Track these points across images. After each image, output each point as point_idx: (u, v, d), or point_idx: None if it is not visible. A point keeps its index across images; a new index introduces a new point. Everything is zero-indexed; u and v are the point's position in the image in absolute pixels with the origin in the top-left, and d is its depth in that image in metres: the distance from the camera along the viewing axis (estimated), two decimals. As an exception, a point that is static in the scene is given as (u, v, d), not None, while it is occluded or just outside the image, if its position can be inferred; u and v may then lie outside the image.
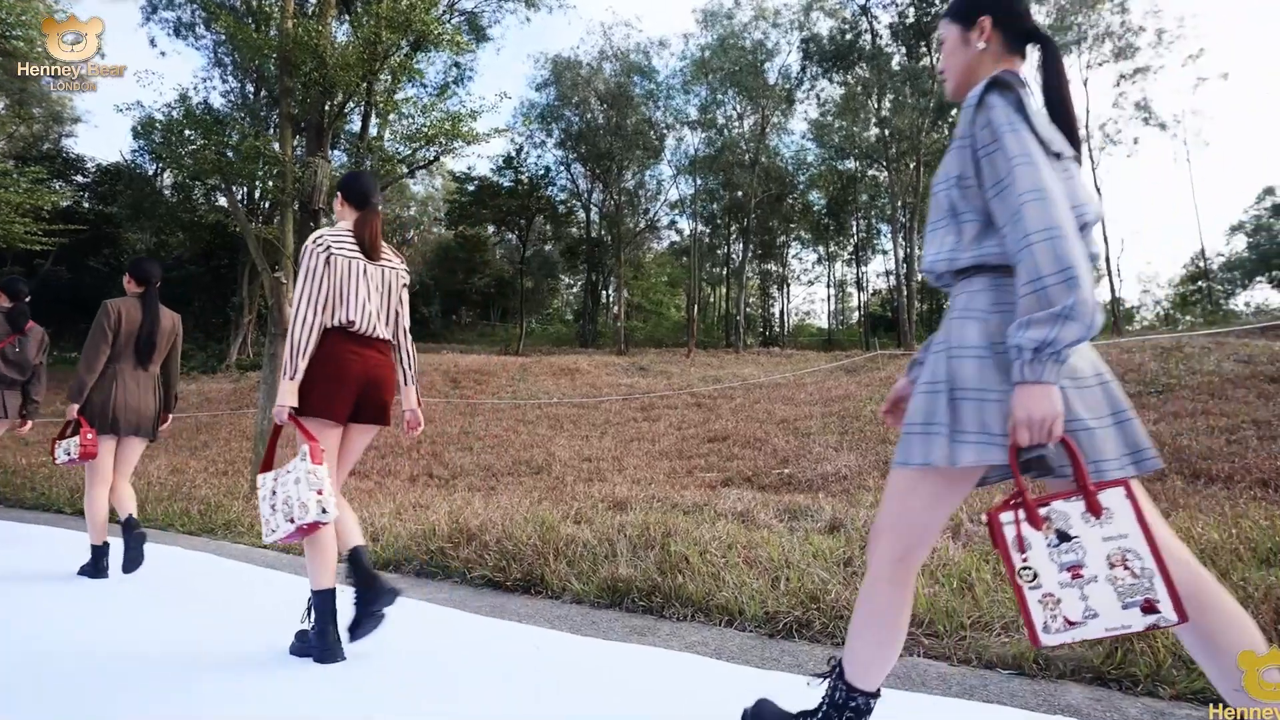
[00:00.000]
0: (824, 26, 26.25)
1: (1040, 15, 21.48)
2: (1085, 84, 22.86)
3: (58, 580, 3.67)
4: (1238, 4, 51.38)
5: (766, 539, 3.70)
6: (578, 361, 19.16)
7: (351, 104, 6.96)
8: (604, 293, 38.59)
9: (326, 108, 7.04)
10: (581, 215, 34.38)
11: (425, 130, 6.98)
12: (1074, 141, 1.36)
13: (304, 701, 2.09)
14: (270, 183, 6.59)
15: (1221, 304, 35.96)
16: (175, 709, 2.03)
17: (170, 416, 4.09)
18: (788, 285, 41.92)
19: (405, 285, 2.64)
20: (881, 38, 21.75)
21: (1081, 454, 1.19)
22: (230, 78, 21.18)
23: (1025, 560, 1.17)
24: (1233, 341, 10.82)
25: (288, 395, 2.29)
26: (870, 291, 38.99)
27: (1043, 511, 1.17)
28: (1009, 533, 1.20)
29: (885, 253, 38.32)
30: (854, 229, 36.66)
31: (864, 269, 37.91)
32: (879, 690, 1.47)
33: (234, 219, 19.24)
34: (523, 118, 24.99)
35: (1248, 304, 38.85)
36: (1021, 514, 1.19)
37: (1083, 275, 1.14)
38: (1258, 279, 40.41)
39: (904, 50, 21.45)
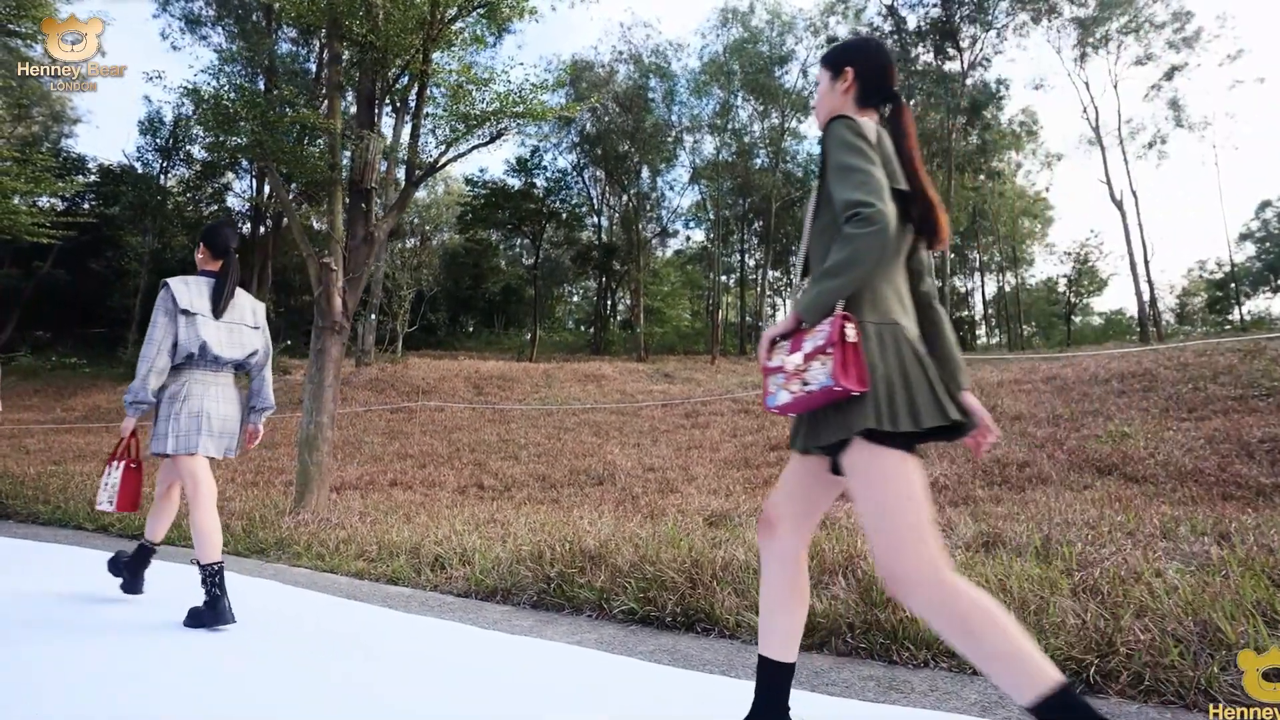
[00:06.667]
0: (841, 31, 25.83)
1: (1085, 9, 21.01)
2: (1116, 86, 22.46)
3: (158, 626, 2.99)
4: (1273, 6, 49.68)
5: (964, 562, 3.05)
6: (600, 368, 18.48)
7: (406, 75, 6.34)
8: (609, 300, 37.88)
9: (377, 82, 6.42)
10: (593, 220, 33.75)
11: (490, 105, 6.36)
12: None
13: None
14: (321, 161, 5.96)
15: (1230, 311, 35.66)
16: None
17: None
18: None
19: None
20: (908, 38, 21.33)
21: (135, 446, 2.98)
22: (241, 75, 20.49)
23: (110, 467, 2.96)
24: (1317, 344, 10.26)
25: None
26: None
27: (113, 461, 2.95)
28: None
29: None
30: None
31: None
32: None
33: (279, 202, 18.48)
34: (570, 101, 24.07)
35: (1250, 313, 38.49)
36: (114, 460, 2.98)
37: (145, 378, 2.63)
38: (1262, 288, 40.09)
39: (932, 51, 21.04)
